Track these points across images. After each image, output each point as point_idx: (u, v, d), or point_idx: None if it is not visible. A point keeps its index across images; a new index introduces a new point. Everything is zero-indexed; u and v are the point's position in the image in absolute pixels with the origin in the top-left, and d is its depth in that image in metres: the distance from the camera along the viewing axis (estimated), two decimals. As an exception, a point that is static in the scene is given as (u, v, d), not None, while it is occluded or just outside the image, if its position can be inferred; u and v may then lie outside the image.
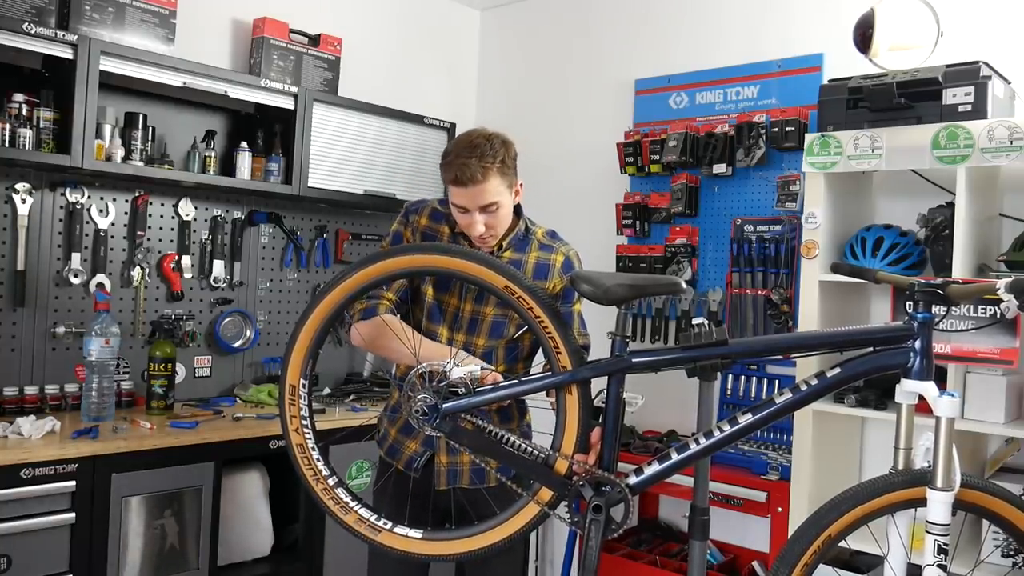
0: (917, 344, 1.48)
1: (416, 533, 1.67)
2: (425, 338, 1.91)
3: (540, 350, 1.78)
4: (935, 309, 1.50)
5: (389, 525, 1.67)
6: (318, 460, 1.71)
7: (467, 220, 1.90)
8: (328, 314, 1.69)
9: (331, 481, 1.70)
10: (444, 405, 1.60)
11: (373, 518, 1.68)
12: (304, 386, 1.71)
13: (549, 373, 1.61)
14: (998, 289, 1.44)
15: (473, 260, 1.61)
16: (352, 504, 1.69)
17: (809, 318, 2.53)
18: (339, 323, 1.88)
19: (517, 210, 2.03)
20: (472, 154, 1.85)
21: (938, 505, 1.43)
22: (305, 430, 1.71)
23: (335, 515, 1.69)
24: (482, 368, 1.70)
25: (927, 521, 1.43)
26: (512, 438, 1.61)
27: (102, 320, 2.65)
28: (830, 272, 2.48)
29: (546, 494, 1.61)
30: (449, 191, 1.90)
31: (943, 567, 1.41)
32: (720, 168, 3.11)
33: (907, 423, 1.51)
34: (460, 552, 1.65)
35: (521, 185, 1.98)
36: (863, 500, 1.48)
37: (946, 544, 1.42)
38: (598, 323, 1.88)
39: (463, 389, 1.62)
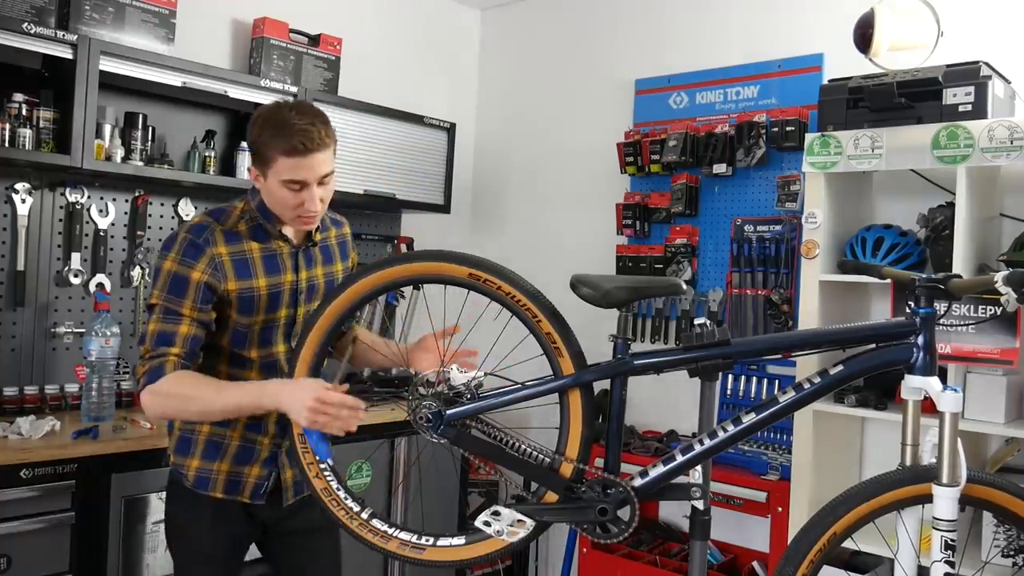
0: (920, 339, 1.49)
1: (459, 540, 1.64)
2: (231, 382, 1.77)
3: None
4: (937, 305, 1.50)
5: (431, 541, 1.65)
6: (346, 499, 1.70)
7: (302, 197, 1.75)
8: (315, 351, 1.71)
9: (364, 515, 1.69)
10: (448, 412, 1.60)
11: (415, 539, 1.66)
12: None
13: (551, 377, 1.60)
14: (996, 283, 1.44)
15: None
16: (391, 531, 1.67)
17: (809, 318, 2.53)
18: (332, 349, 1.83)
19: None
20: (304, 119, 1.71)
21: (944, 501, 1.42)
22: (325, 473, 1.71)
23: (376, 546, 1.67)
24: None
25: (933, 517, 1.43)
26: (516, 443, 1.61)
27: (102, 320, 2.65)
28: (836, 270, 2.50)
29: (552, 497, 1.61)
30: (280, 167, 1.71)
31: (951, 563, 1.41)
32: (720, 168, 3.11)
33: (913, 419, 1.51)
34: (499, 549, 1.63)
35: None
36: (868, 497, 1.48)
37: (953, 540, 1.42)
38: (599, 325, 1.88)
39: (468, 395, 1.62)
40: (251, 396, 1.70)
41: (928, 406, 1.48)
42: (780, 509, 2.67)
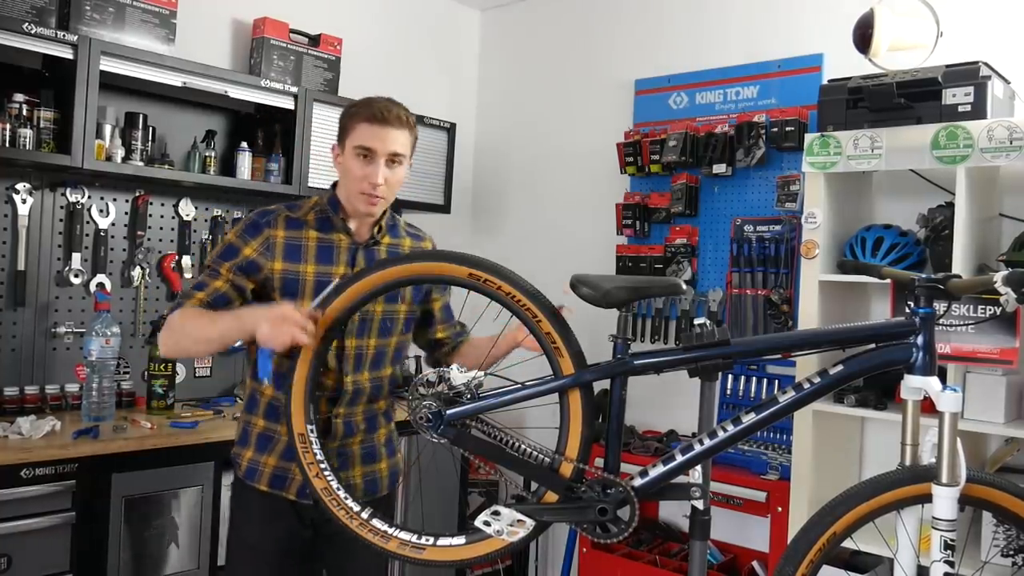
0: (919, 339, 1.48)
1: (459, 540, 1.64)
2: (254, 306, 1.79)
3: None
4: (937, 305, 1.50)
5: (431, 541, 1.65)
6: (346, 499, 1.70)
7: (367, 170, 1.85)
8: (315, 351, 1.70)
9: (364, 515, 1.69)
10: (448, 411, 1.60)
11: (415, 539, 1.66)
12: (312, 431, 1.72)
13: (552, 377, 1.60)
14: (995, 283, 1.43)
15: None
16: (391, 531, 1.68)
17: (809, 318, 2.53)
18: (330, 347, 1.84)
19: None
20: (392, 103, 1.90)
21: (944, 500, 1.42)
22: (325, 473, 1.72)
23: (377, 546, 1.68)
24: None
25: (933, 517, 1.43)
26: (516, 443, 1.61)
27: (102, 320, 2.65)
28: (836, 270, 2.50)
29: (552, 497, 1.61)
30: (356, 134, 1.86)
31: (950, 563, 1.41)
32: (720, 168, 3.11)
33: (913, 419, 1.51)
34: (499, 549, 1.63)
35: (410, 167, 2.01)
36: (868, 497, 1.48)
37: (953, 540, 1.42)
38: (598, 325, 1.88)
39: (467, 395, 1.62)
40: (236, 320, 1.75)
41: (928, 406, 1.48)
42: (780, 509, 2.67)
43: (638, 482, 1.58)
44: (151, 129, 2.90)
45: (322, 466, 1.72)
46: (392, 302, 1.95)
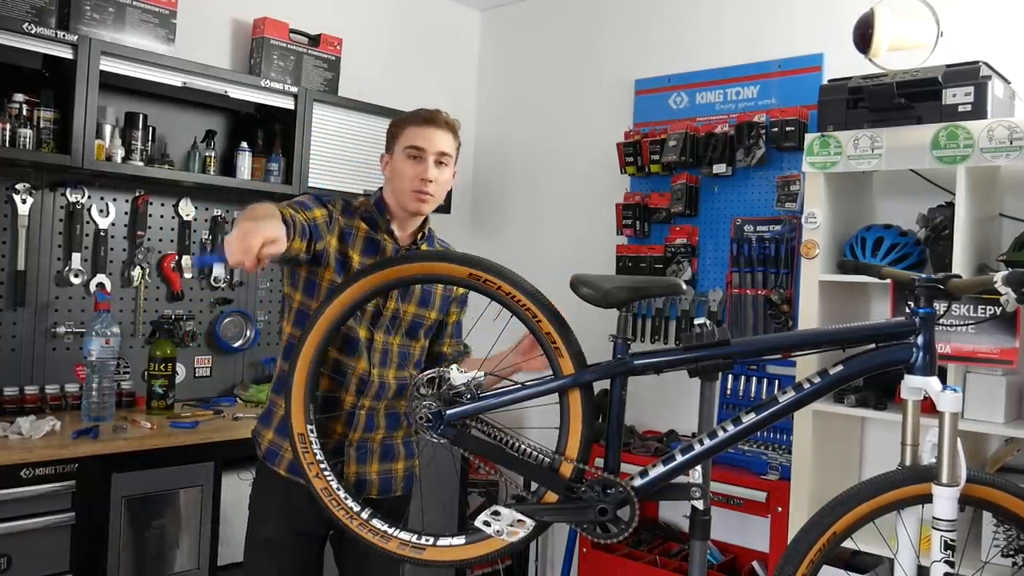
0: (919, 339, 1.48)
1: (459, 540, 1.65)
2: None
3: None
4: (937, 305, 1.50)
5: (431, 541, 1.66)
6: (346, 499, 1.71)
7: (418, 168, 1.92)
8: (315, 350, 1.71)
9: (364, 515, 1.70)
10: (448, 412, 1.60)
11: (415, 539, 1.66)
12: (312, 431, 1.72)
13: (551, 377, 1.60)
14: (995, 283, 1.43)
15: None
16: (391, 531, 1.68)
17: (809, 318, 2.53)
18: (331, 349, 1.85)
19: None
20: (438, 110, 2.00)
21: (944, 501, 1.42)
22: (325, 473, 1.72)
23: (377, 546, 1.68)
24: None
25: (933, 517, 1.43)
26: (516, 443, 1.61)
27: (102, 320, 2.65)
28: (836, 270, 2.50)
29: (552, 497, 1.61)
30: (406, 136, 1.95)
31: (951, 563, 1.41)
32: (720, 168, 3.11)
33: (913, 419, 1.51)
34: (499, 549, 1.64)
35: (455, 175, 2.07)
36: (868, 497, 1.48)
37: (953, 540, 1.42)
38: (599, 325, 1.88)
39: (467, 395, 1.62)
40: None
41: (928, 406, 1.48)
42: (780, 509, 2.67)
43: (638, 482, 1.58)
44: (151, 129, 2.90)
45: (322, 466, 1.72)
46: (424, 307, 1.98)
